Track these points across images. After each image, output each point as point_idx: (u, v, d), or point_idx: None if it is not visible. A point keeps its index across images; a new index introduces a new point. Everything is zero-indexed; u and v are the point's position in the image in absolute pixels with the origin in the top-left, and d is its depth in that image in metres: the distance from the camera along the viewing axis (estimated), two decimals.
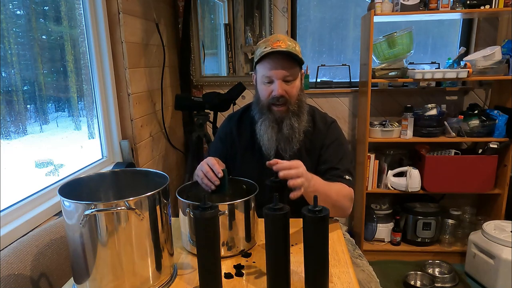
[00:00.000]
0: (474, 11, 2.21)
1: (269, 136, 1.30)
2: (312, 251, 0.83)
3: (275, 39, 1.25)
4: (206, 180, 1.14)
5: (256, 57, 1.28)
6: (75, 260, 0.86)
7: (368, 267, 1.34)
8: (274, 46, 1.22)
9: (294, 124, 1.28)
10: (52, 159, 1.59)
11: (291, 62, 1.24)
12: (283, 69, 1.23)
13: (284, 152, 1.31)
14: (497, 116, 2.36)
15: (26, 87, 1.47)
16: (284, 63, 1.23)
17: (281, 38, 1.25)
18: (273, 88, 1.25)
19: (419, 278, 2.38)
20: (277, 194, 0.85)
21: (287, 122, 1.28)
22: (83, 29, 1.73)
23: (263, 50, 1.24)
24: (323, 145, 1.35)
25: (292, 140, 1.30)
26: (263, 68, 1.26)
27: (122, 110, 1.91)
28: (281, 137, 1.30)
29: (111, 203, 0.81)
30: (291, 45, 1.24)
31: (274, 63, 1.23)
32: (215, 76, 2.82)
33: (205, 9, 2.74)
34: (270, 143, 1.31)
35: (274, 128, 1.29)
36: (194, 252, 1.05)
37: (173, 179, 2.60)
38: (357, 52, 2.66)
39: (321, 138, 1.35)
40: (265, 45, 1.24)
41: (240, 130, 1.43)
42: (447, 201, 2.77)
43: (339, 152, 1.34)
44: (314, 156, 1.35)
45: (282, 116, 1.29)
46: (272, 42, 1.23)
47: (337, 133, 1.38)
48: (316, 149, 1.35)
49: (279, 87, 1.24)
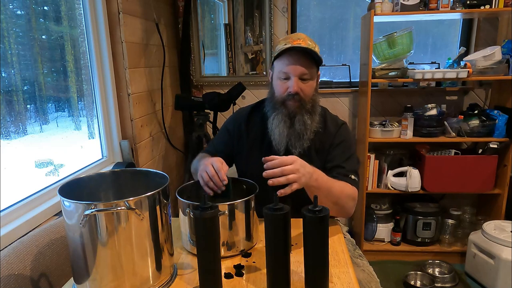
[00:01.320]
0: (474, 11, 2.21)
1: (280, 130, 1.29)
2: (312, 251, 0.83)
3: (296, 37, 1.25)
4: (212, 184, 1.14)
5: (274, 53, 1.28)
6: (75, 260, 0.86)
7: (369, 267, 1.34)
8: (294, 43, 1.23)
9: (306, 121, 1.28)
10: (52, 159, 1.59)
11: (309, 61, 1.24)
12: (301, 66, 1.23)
13: (294, 148, 1.30)
14: (497, 116, 2.36)
15: (26, 87, 1.47)
16: (302, 60, 1.23)
17: (302, 37, 1.25)
18: (289, 85, 1.25)
19: (419, 278, 2.38)
20: (277, 194, 0.85)
21: (300, 117, 1.28)
22: (83, 29, 1.73)
23: (283, 46, 1.24)
24: (331, 144, 1.35)
25: (303, 136, 1.29)
26: (281, 64, 1.25)
27: (122, 110, 1.91)
28: (292, 133, 1.29)
29: (111, 203, 0.81)
30: (311, 44, 1.25)
31: (292, 59, 1.23)
32: (215, 76, 2.82)
33: (205, 9, 2.74)
34: (281, 138, 1.30)
35: (286, 123, 1.29)
36: (194, 252, 1.05)
37: (173, 179, 2.60)
38: (357, 52, 2.66)
39: (330, 138, 1.35)
40: (285, 42, 1.25)
41: (249, 126, 1.42)
42: (447, 201, 2.77)
43: (346, 152, 1.33)
44: (323, 156, 1.35)
45: (295, 111, 1.28)
46: (293, 40, 1.24)
47: (346, 134, 1.38)
48: (325, 149, 1.35)
49: (295, 84, 1.24)
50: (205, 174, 1.16)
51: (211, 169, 1.15)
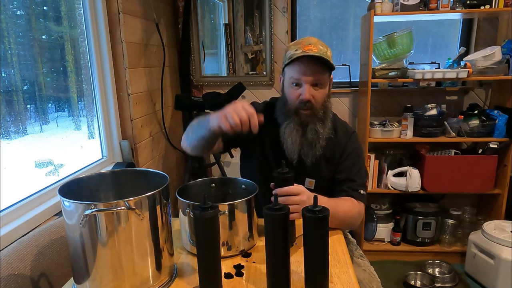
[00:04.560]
0: (474, 11, 2.21)
1: (293, 139, 1.28)
2: (312, 251, 0.83)
3: (307, 42, 1.20)
4: (246, 128, 1.00)
5: (285, 59, 1.25)
6: (75, 260, 0.86)
7: (370, 267, 1.34)
8: (305, 49, 1.18)
9: (319, 130, 1.26)
10: (52, 159, 1.59)
11: (322, 67, 1.20)
12: (313, 74, 1.19)
13: (306, 157, 1.29)
14: (497, 116, 2.36)
15: (26, 87, 1.47)
16: (314, 67, 1.19)
17: (313, 42, 1.21)
18: (301, 92, 1.22)
19: (419, 278, 2.38)
20: (277, 194, 0.85)
21: (312, 126, 1.26)
22: (83, 29, 1.73)
23: (294, 52, 1.20)
24: (342, 154, 1.34)
25: (315, 145, 1.28)
26: (292, 71, 1.22)
27: (122, 110, 1.91)
28: (305, 141, 1.28)
29: (111, 203, 0.81)
30: (322, 49, 1.20)
31: (304, 66, 1.19)
32: (215, 76, 2.82)
33: (205, 9, 2.74)
34: (293, 147, 1.28)
35: (298, 132, 1.27)
36: (194, 252, 1.05)
37: (173, 179, 2.60)
38: (357, 52, 2.66)
39: (340, 148, 1.34)
40: (296, 47, 1.20)
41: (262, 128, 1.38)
42: (447, 201, 2.77)
43: (356, 163, 1.33)
44: (332, 166, 1.34)
45: (307, 120, 1.26)
46: (304, 45, 1.19)
47: (357, 144, 1.37)
48: (335, 158, 1.34)
49: (307, 91, 1.20)
50: (234, 114, 1.00)
51: (248, 109, 1.00)
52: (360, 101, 2.64)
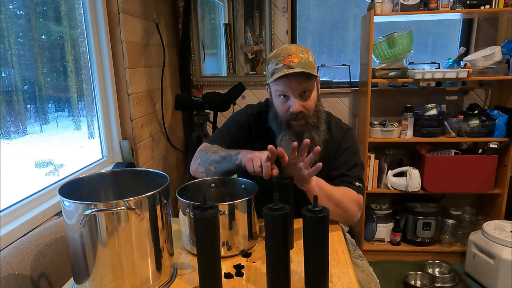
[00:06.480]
0: (474, 11, 2.21)
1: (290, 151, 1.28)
2: (312, 251, 0.83)
3: (287, 53, 1.16)
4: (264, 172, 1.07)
5: (268, 73, 1.22)
6: (75, 260, 0.86)
7: (368, 268, 1.34)
8: (286, 62, 1.15)
9: (315, 137, 1.25)
10: (52, 159, 1.59)
11: (306, 76, 1.17)
12: (299, 85, 1.17)
13: None
14: (497, 116, 2.36)
15: (26, 87, 1.47)
16: (299, 79, 1.16)
17: (293, 52, 1.16)
18: (290, 104, 1.20)
19: (419, 278, 2.38)
20: (277, 194, 0.85)
21: (307, 135, 1.24)
22: (83, 29, 1.73)
23: (275, 67, 1.17)
24: (337, 151, 1.33)
25: None
26: (277, 85, 1.19)
27: (122, 110, 1.91)
28: None
29: (111, 203, 0.81)
30: (303, 57, 1.16)
31: (288, 81, 1.16)
32: (215, 76, 2.82)
33: (205, 9, 2.74)
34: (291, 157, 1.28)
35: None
36: (194, 252, 1.05)
37: (173, 179, 2.60)
38: (357, 52, 2.66)
39: (336, 146, 1.34)
40: (276, 61, 1.17)
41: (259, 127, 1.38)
42: (447, 201, 2.77)
43: (352, 159, 1.32)
44: (328, 163, 1.32)
45: (302, 130, 1.25)
46: (284, 58, 1.15)
47: (351, 141, 1.36)
48: (331, 157, 1.33)
49: (296, 104, 1.18)
50: (257, 163, 1.09)
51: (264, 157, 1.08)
52: (360, 101, 2.64)
